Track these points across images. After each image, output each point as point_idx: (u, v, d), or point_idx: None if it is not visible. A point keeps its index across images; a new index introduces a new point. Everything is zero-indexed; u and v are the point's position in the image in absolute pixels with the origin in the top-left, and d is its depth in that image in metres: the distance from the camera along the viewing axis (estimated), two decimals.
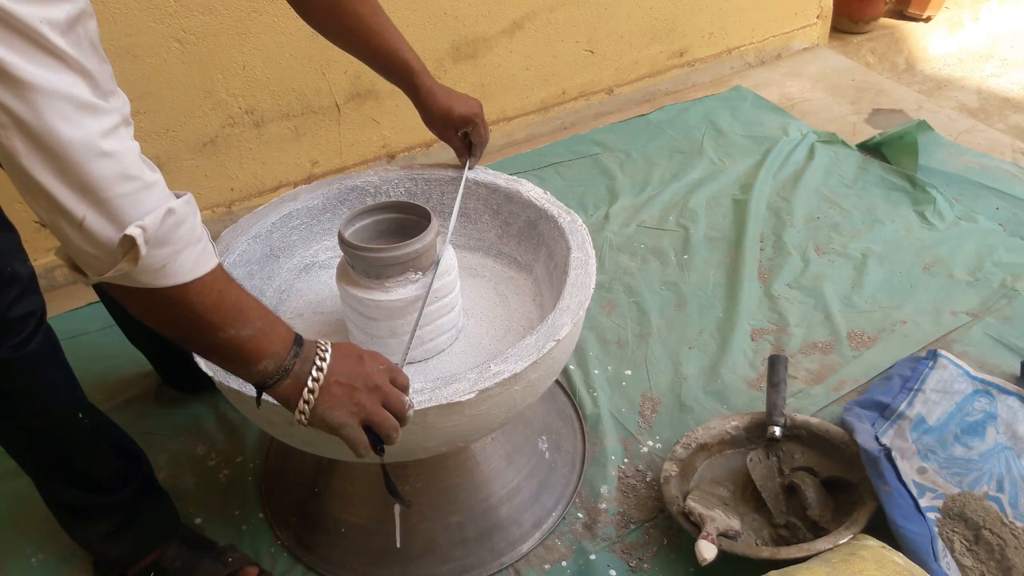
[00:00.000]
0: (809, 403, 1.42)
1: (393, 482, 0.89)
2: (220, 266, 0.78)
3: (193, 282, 0.74)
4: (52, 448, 1.05)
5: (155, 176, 0.71)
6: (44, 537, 1.26)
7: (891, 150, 2.04)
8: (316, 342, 0.85)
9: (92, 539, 1.14)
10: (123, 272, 0.70)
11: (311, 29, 1.16)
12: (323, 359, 0.83)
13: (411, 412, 0.86)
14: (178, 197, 0.73)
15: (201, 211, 1.94)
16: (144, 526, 1.15)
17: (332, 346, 0.85)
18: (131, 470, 1.14)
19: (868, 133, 2.16)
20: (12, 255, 0.93)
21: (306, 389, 0.81)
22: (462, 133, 1.23)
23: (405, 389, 0.87)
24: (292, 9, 1.15)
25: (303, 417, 0.82)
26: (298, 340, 0.83)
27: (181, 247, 0.72)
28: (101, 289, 1.29)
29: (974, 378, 1.34)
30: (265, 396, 0.85)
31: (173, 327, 0.79)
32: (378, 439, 0.85)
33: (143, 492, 1.15)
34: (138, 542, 1.15)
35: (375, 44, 1.14)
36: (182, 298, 0.74)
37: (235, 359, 0.80)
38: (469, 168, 1.25)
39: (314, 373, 0.82)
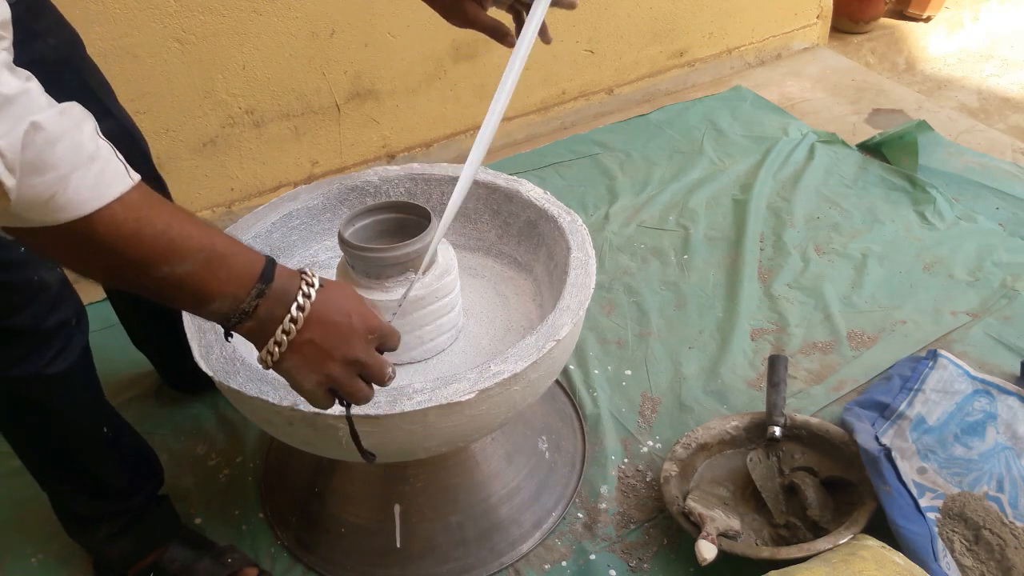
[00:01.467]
0: (809, 403, 1.42)
1: (359, 437, 0.82)
2: (137, 188, 0.63)
3: (99, 212, 0.60)
4: (73, 461, 1.05)
5: (19, 85, 0.57)
6: (44, 537, 1.26)
7: (891, 150, 2.04)
8: (302, 277, 0.72)
9: (93, 541, 1.14)
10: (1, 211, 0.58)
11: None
12: (301, 307, 0.70)
13: (391, 382, 0.77)
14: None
15: (201, 211, 1.95)
16: (145, 528, 1.15)
17: (320, 290, 0.71)
18: (145, 480, 1.14)
19: (868, 133, 2.16)
20: (39, 263, 0.91)
21: (272, 340, 0.70)
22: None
23: (393, 348, 0.77)
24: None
25: (264, 364, 0.72)
26: (267, 274, 0.69)
27: (67, 171, 0.58)
28: (106, 287, 1.30)
29: (974, 378, 1.34)
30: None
31: (93, 269, 0.66)
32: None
33: (151, 498, 1.16)
34: (139, 543, 1.15)
35: None
36: (89, 233, 0.61)
37: (180, 299, 0.68)
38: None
39: (286, 324, 0.69)
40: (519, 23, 1.01)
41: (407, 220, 1.10)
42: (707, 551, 1.09)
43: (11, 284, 0.88)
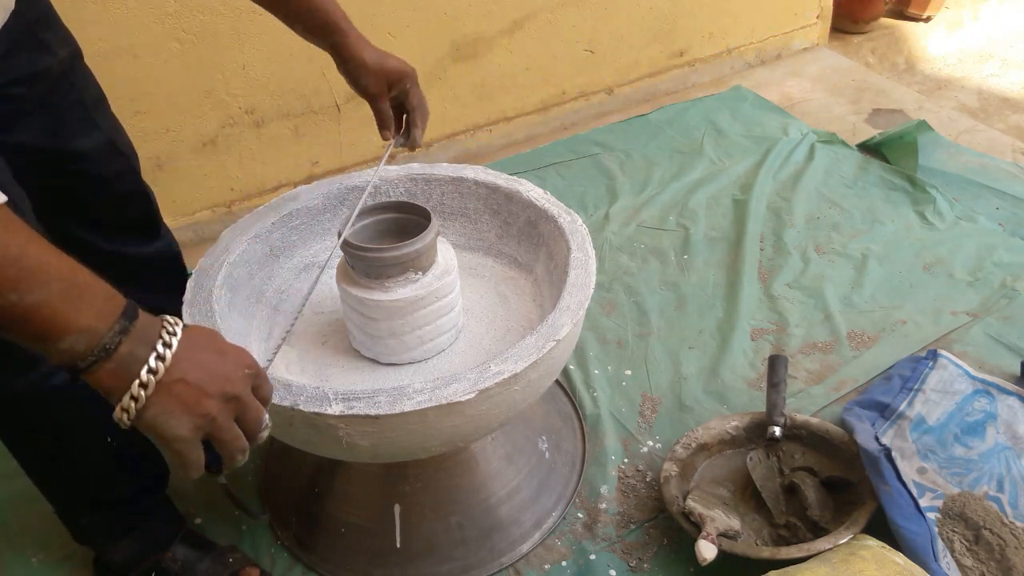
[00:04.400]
0: (809, 403, 1.42)
1: (239, 499, 0.77)
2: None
3: None
4: (78, 475, 1.05)
5: None
6: (44, 537, 1.26)
7: (891, 150, 2.04)
8: (163, 319, 0.64)
9: (96, 544, 1.15)
10: None
11: None
12: (168, 344, 0.62)
13: (266, 433, 0.69)
14: None
15: (201, 211, 1.95)
16: (148, 530, 1.16)
17: (185, 330, 0.64)
18: (151, 489, 1.15)
19: (868, 133, 2.16)
20: None
21: (137, 382, 0.61)
22: (394, 96, 1.06)
23: (266, 401, 0.69)
24: None
25: (126, 416, 0.62)
26: (130, 312, 0.62)
27: None
28: None
29: (974, 378, 1.34)
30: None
31: None
32: (216, 457, 0.67)
33: (155, 504, 1.16)
34: (142, 546, 1.16)
35: None
36: None
37: (23, 332, 0.60)
38: (406, 146, 1.05)
39: (152, 362, 0.61)
40: (402, 117, 1.06)
41: (407, 220, 1.10)
42: (707, 551, 1.09)
43: None
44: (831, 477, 1.23)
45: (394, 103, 1.06)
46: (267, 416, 0.68)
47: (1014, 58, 2.75)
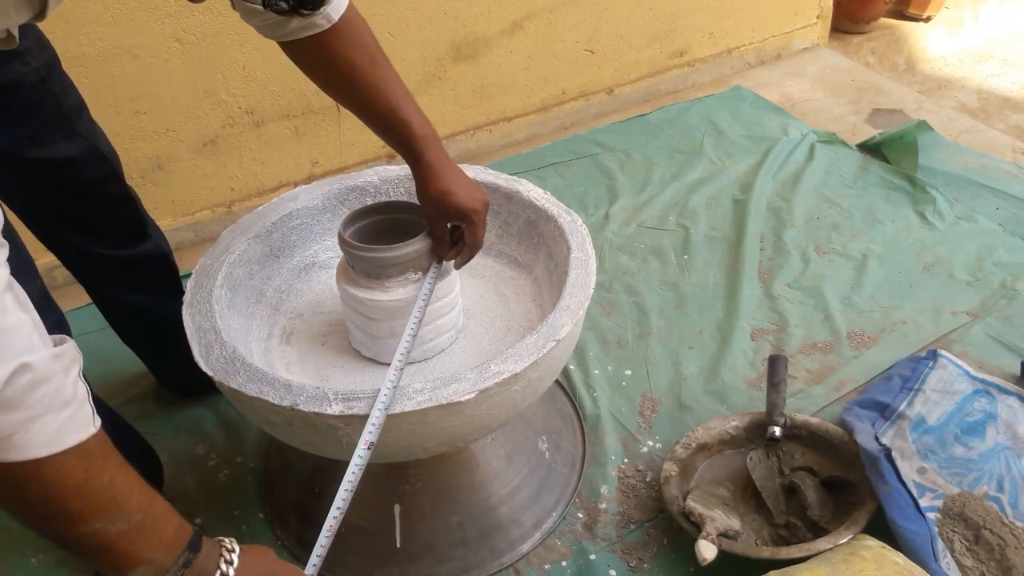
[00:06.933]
0: (809, 403, 1.42)
1: None
2: (95, 437, 0.61)
3: (50, 457, 0.58)
4: None
5: (17, 318, 0.57)
6: None
7: (891, 150, 2.04)
8: (221, 547, 0.69)
9: None
10: None
11: None
12: (225, 574, 0.67)
13: None
14: (56, 344, 0.60)
15: (201, 211, 1.95)
16: None
17: (241, 556, 0.69)
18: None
19: (868, 133, 2.16)
20: (15, 275, 0.90)
21: None
22: (452, 226, 1.04)
23: None
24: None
25: None
26: (193, 544, 0.67)
27: (38, 413, 0.56)
28: (95, 291, 1.30)
29: (974, 378, 1.34)
30: None
31: (20, 510, 0.60)
32: None
33: None
34: None
35: (370, 99, 0.98)
36: (34, 477, 0.58)
37: (99, 559, 0.63)
38: (452, 265, 1.06)
39: None
40: (456, 242, 1.06)
41: (407, 220, 1.10)
42: (707, 551, 1.09)
43: None
44: (831, 477, 1.23)
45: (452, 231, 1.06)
46: None
47: (1014, 58, 2.75)
